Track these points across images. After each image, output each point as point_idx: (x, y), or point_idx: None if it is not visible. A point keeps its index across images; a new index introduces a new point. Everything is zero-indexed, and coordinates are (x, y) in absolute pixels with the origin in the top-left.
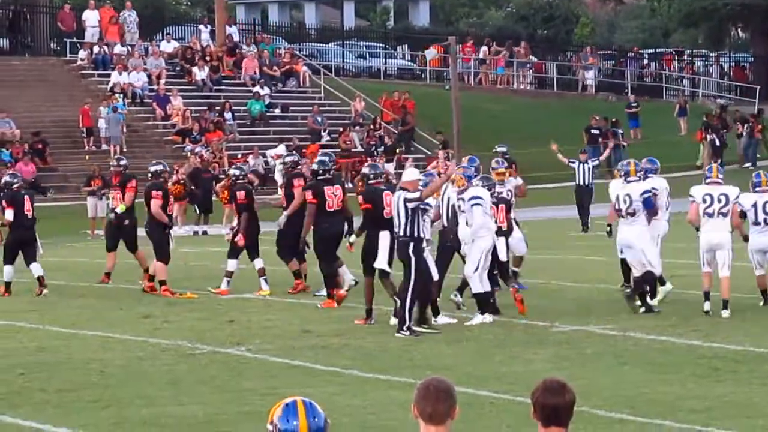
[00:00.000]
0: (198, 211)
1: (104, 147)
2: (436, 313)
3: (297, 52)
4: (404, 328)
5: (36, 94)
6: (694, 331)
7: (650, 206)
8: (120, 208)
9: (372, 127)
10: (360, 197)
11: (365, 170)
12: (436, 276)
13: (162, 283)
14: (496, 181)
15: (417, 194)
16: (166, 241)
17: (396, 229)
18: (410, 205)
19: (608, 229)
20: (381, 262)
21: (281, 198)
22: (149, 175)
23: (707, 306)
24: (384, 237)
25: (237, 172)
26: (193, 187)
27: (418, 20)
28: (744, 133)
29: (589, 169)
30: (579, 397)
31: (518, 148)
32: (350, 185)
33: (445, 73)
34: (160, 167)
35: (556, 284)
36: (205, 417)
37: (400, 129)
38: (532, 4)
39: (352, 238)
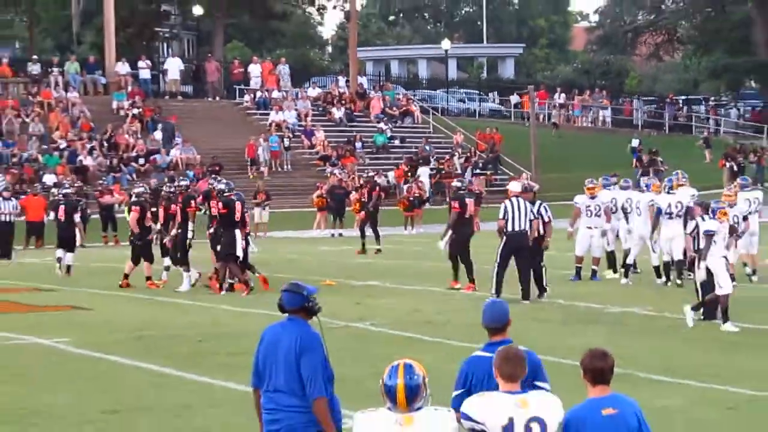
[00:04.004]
0: (333, 219)
1: (262, 169)
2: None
3: (412, 97)
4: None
5: (211, 128)
6: None
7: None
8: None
9: (468, 154)
10: (218, 203)
11: (221, 186)
12: None
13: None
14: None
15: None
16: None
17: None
18: None
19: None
20: (239, 250)
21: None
22: (133, 196)
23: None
24: (238, 234)
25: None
26: (328, 200)
27: (505, 73)
28: (755, 162)
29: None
30: (625, 363)
31: (578, 172)
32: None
33: (525, 114)
34: (141, 189)
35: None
36: (339, 376)
37: (489, 156)
38: (593, 61)
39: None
